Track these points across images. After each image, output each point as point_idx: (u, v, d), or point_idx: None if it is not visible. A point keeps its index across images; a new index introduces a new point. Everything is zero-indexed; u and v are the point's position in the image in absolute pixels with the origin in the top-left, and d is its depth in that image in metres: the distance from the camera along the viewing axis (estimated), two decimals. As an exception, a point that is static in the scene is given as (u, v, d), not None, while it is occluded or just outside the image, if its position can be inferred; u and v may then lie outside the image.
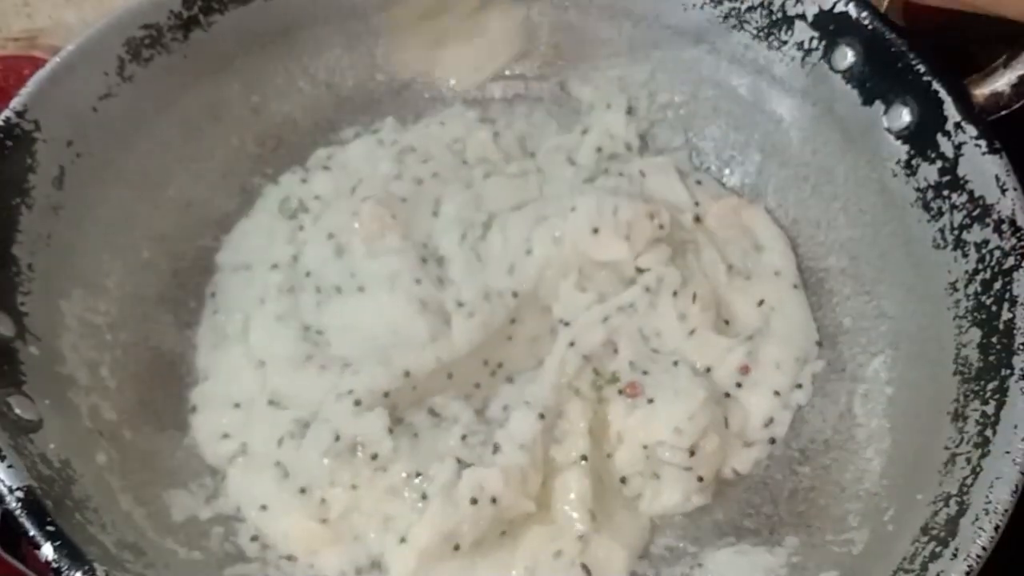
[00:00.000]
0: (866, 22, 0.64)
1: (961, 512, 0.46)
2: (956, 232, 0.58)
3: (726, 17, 0.72)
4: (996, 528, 0.44)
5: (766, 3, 0.68)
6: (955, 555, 0.44)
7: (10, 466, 0.45)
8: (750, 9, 0.70)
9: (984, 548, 0.44)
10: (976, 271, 0.55)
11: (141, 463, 0.56)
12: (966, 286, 0.56)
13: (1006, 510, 0.45)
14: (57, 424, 0.51)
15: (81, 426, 0.54)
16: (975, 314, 0.54)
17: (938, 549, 0.45)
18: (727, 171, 0.74)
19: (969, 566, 0.43)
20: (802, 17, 0.68)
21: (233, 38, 0.70)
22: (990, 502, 0.45)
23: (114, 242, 0.63)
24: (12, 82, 0.61)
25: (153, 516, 0.53)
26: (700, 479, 0.58)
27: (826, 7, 0.65)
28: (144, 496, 0.54)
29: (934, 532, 0.47)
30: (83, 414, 0.54)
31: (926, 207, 0.60)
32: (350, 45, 0.76)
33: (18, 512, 0.44)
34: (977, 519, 0.45)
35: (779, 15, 0.69)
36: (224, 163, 0.71)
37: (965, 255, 0.56)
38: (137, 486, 0.54)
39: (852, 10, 0.64)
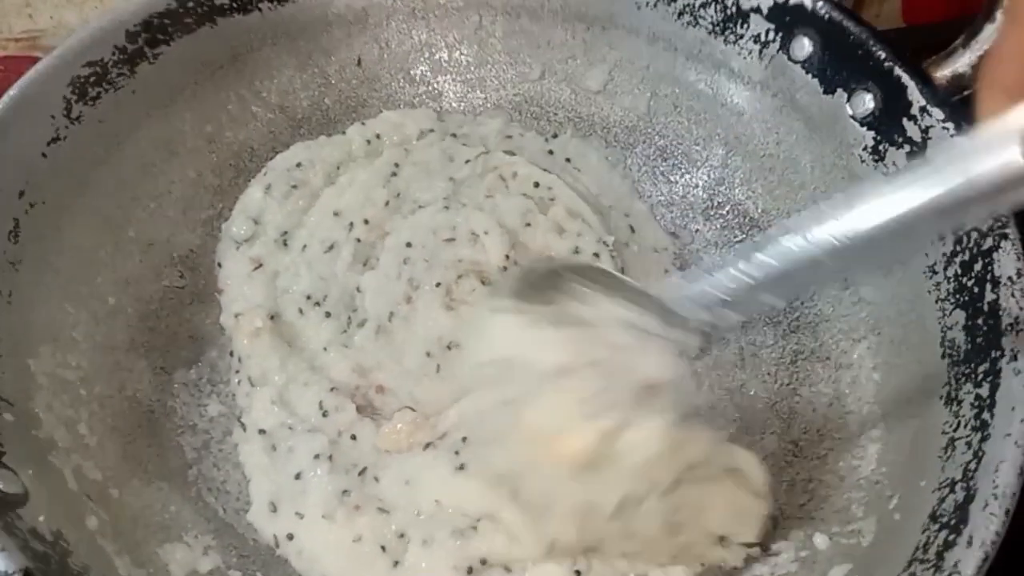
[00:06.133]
0: (822, 12, 0.64)
1: (969, 498, 0.46)
2: (930, 215, 0.58)
3: (680, 14, 0.72)
4: (1007, 512, 0.45)
5: (719, -1, 0.69)
6: (970, 543, 0.44)
7: (3, 549, 0.43)
8: (703, 5, 0.70)
9: (997, 533, 0.44)
10: (955, 253, 0.56)
11: (133, 522, 0.54)
12: (945, 268, 0.56)
13: (1014, 493, 0.45)
14: (43, 493, 0.48)
15: (67, 491, 0.51)
16: (957, 296, 0.55)
17: (951, 537, 0.46)
18: (692, 167, 0.74)
19: (985, 552, 0.44)
20: (757, 10, 0.68)
21: (181, 68, 0.68)
22: (997, 486, 0.45)
23: (77, 292, 0.60)
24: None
25: (153, 576, 0.51)
26: None
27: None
28: (141, 556, 0.52)
29: (944, 520, 0.47)
30: (67, 478, 0.52)
31: (897, 192, 0.61)
32: (301, 65, 0.74)
33: (20, 595, 0.42)
34: (987, 505, 0.45)
35: (733, 9, 0.69)
36: (183, 198, 0.68)
37: (941, 238, 0.57)
38: (132, 546, 0.52)
39: (807, 0, 0.65)
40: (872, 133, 0.63)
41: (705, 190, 0.73)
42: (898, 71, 0.60)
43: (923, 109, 0.59)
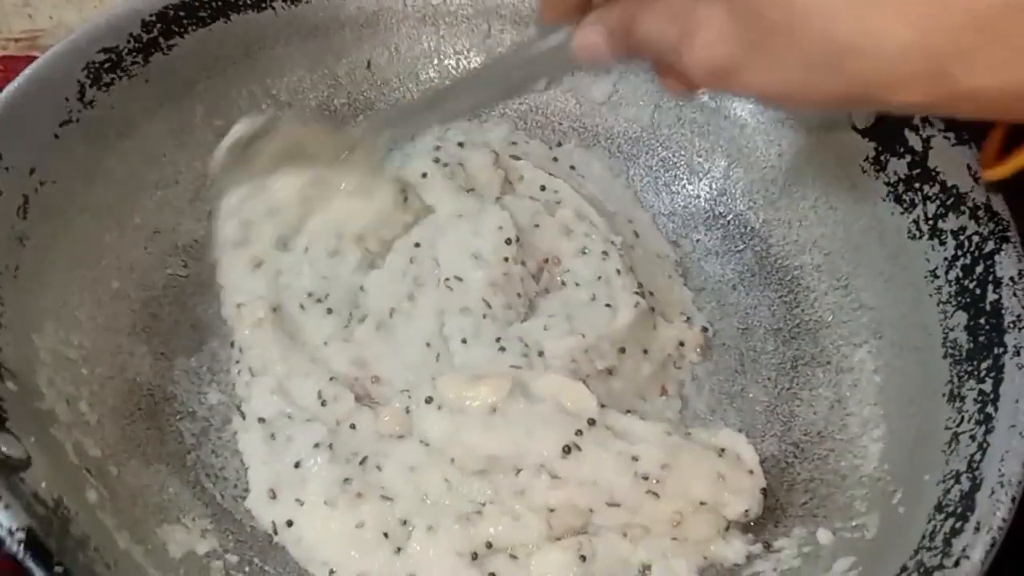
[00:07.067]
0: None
1: (976, 487, 0.47)
2: (931, 222, 0.59)
3: (685, 26, 0.73)
4: (1013, 499, 0.45)
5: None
6: (978, 528, 0.45)
7: (7, 507, 0.42)
8: (708, 17, 0.72)
9: (1004, 519, 0.45)
10: (955, 257, 0.57)
11: (131, 500, 0.53)
12: (947, 272, 0.57)
13: (1020, 481, 0.46)
14: (45, 462, 0.47)
15: (68, 463, 0.51)
16: (959, 298, 0.56)
17: (958, 524, 0.46)
18: (694, 178, 0.75)
19: (993, 538, 0.44)
20: (761, 22, 0.70)
21: (194, 61, 0.68)
22: (1003, 475, 0.46)
23: (83, 273, 0.60)
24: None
25: (152, 553, 0.50)
26: None
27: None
28: (140, 533, 0.51)
29: (949, 509, 0.47)
30: (68, 451, 0.51)
31: (898, 200, 0.62)
32: (312, 65, 0.75)
33: (23, 555, 0.41)
34: (993, 492, 0.46)
35: (738, 22, 0.71)
36: (190, 189, 0.68)
37: (942, 243, 0.58)
38: (131, 523, 0.51)
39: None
40: (873, 144, 0.64)
41: (707, 201, 0.74)
42: (900, 82, 0.61)
43: (924, 119, 0.60)
